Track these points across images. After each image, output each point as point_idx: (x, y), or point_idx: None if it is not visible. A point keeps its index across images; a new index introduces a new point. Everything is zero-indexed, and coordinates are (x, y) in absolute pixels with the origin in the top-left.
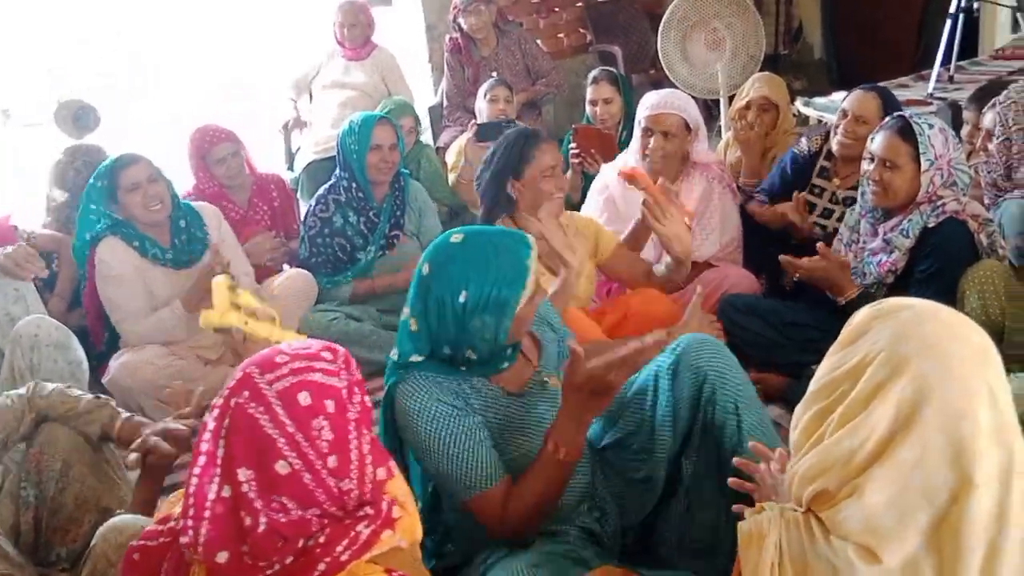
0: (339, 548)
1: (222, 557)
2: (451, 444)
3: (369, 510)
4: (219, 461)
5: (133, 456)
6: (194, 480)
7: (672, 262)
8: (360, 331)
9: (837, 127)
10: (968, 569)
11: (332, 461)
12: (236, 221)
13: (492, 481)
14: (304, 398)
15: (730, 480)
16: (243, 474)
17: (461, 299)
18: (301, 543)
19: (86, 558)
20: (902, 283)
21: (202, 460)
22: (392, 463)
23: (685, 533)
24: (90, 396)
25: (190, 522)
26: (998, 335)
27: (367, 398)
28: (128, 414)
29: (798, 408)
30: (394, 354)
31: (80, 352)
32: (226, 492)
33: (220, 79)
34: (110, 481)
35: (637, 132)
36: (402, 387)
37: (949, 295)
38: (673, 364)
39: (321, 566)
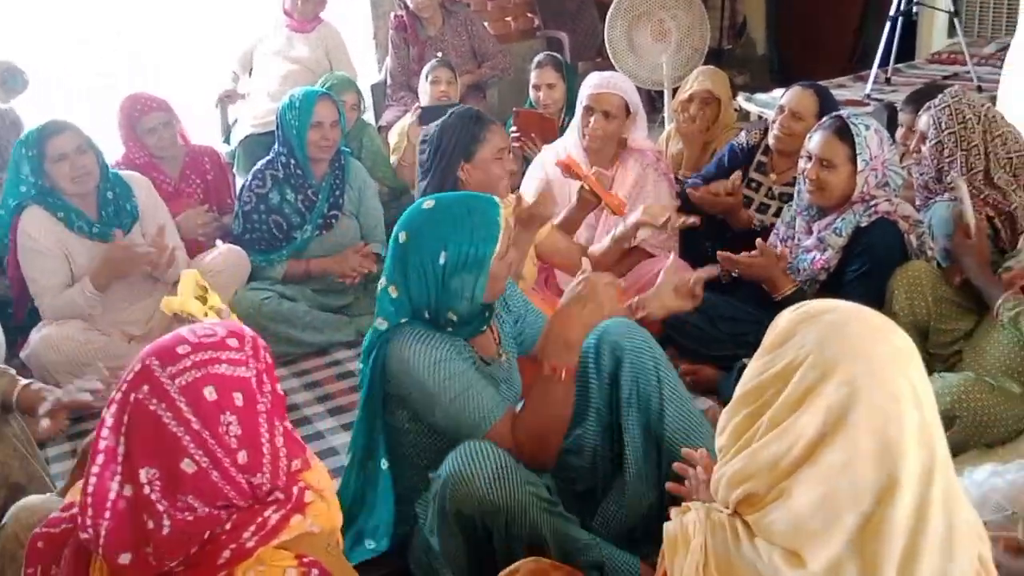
0: (246, 534)
1: (124, 559)
2: (455, 384)
3: (279, 495)
4: (120, 458)
5: (44, 422)
6: (92, 478)
7: (624, 229)
8: (294, 311)
9: (774, 122)
10: (889, 569)
11: (242, 457)
12: (167, 194)
13: (499, 412)
14: (210, 393)
15: (668, 485)
16: (145, 474)
17: (441, 260)
18: (208, 533)
19: None
20: (835, 281)
21: (100, 458)
22: (309, 454)
23: (623, 514)
24: None
25: (89, 520)
26: (924, 335)
27: (279, 386)
28: (27, 381)
29: (723, 414)
30: (380, 323)
31: None
32: (128, 491)
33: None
34: (20, 456)
35: (578, 111)
36: (396, 341)
37: (879, 294)
38: (595, 344)
39: (227, 553)
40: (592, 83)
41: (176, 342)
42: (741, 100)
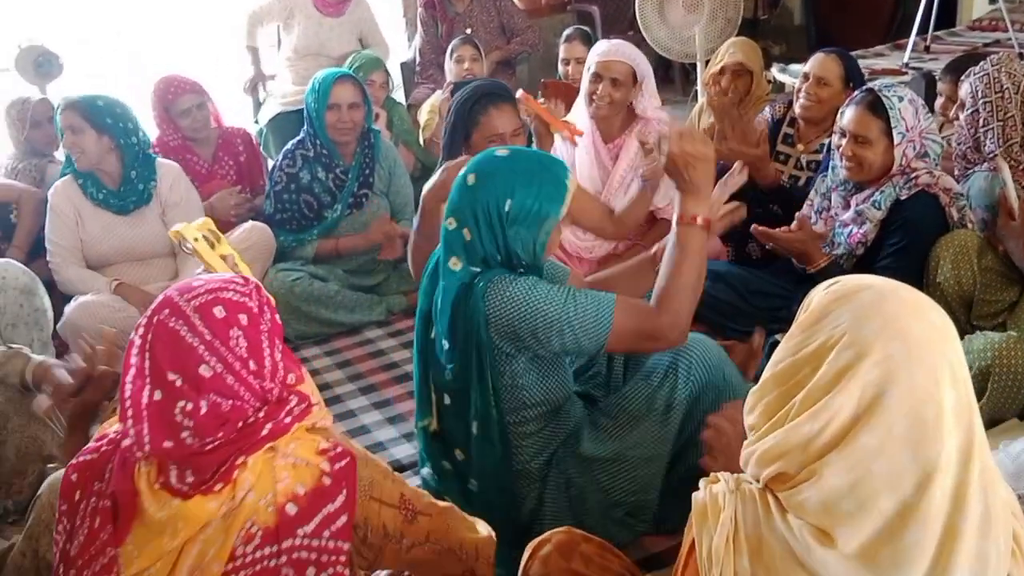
0: (279, 415)
1: (168, 444)
2: (566, 298)
3: (291, 397)
4: (147, 371)
5: (44, 401)
6: (128, 387)
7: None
8: (325, 291)
9: (799, 91)
10: (926, 553)
11: (252, 365)
12: (201, 176)
13: (609, 296)
14: (219, 311)
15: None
16: (171, 375)
17: (506, 208)
18: (241, 424)
19: (31, 507)
20: (872, 254)
21: (132, 371)
22: (304, 370)
23: None
24: (2, 348)
25: (130, 423)
26: (968, 304)
27: (278, 316)
28: (41, 358)
29: (752, 393)
30: (454, 264)
31: (46, 300)
32: (157, 395)
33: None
34: (50, 430)
35: (586, 77)
36: (494, 285)
37: (917, 268)
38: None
39: (269, 426)
40: (600, 50)
41: (193, 280)
42: (775, 71)
